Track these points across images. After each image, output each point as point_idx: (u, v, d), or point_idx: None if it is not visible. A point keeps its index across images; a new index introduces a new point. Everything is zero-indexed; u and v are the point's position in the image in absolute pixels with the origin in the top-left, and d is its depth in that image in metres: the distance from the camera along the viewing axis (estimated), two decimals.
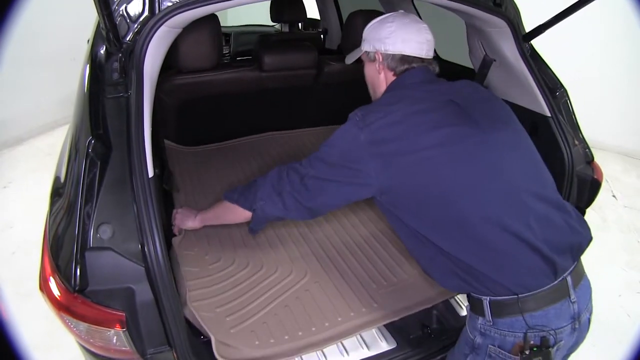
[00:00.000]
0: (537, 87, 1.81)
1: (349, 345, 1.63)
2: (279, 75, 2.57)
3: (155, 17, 1.29)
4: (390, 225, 2.18)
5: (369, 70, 1.57)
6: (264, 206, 1.49)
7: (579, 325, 1.26)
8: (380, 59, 1.48)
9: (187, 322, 1.48)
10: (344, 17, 3.76)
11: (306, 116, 3.16)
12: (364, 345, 1.63)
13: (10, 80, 4.60)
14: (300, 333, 1.63)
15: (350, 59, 1.72)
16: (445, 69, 2.73)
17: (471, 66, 2.17)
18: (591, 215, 3.38)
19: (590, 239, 1.34)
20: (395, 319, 1.70)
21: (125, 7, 1.29)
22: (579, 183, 1.81)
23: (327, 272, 1.92)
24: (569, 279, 1.24)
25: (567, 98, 1.89)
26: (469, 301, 1.35)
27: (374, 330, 1.68)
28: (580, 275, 1.29)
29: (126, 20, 1.30)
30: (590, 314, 1.31)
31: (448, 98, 1.34)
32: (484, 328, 1.27)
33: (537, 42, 1.83)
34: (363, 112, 1.33)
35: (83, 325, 1.16)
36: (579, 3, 1.51)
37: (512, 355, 1.22)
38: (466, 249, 1.23)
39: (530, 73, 1.81)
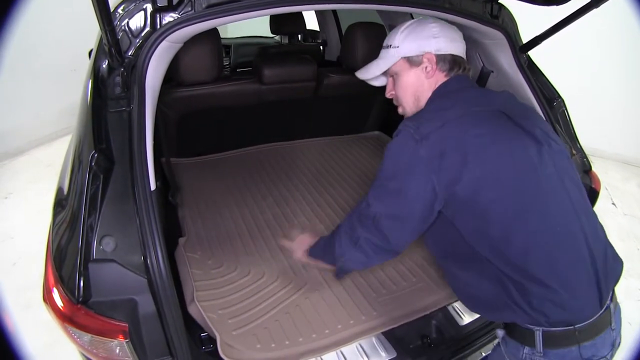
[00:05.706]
0: (535, 97, 1.83)
1: (349, 354, 1.64)
2: (279, 87, 2.58)
3: (156, 32, 1.31)
4: None
5: (410, 78, 1.38)
6: (345, 262, 1.41)
7: (613, 351, 1.23)
8: (434, 60, 1.34)
9: (189, 328, 1.48)
10: (343, 29, 3.80)
11: (306, 127, 3.18)
12: (363, 355, 1.64)
13: (10, 91, 4.63)
14: (300, 339, 1.65)
15: (366, 73, 1.51)
16: None
17: None
18: None
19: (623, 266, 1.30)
20: (394, 326, 1.71)
21: (127, 22, 1.30)
22: None
23: (326, 281, 1.94)
24: (612, 306, 1.20)
25: (564, 108, 1.91)
26: (506, 328, 1.27)
27: (373, 340, 1.69)
28: (616, 303, 1.26)
29: (128, 35, 1.31)
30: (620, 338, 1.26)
31: (497, 108, 1.25)
32: (530, 358, 1.19)
33: (535, 52, 1.85)
34: (416, 123, 1.20)
35: (86, 336, 1.17)
36: (575, 14, 1.53)
37: None
38: (530, 263, 1.13)
39: (528, 84, 1.83)
